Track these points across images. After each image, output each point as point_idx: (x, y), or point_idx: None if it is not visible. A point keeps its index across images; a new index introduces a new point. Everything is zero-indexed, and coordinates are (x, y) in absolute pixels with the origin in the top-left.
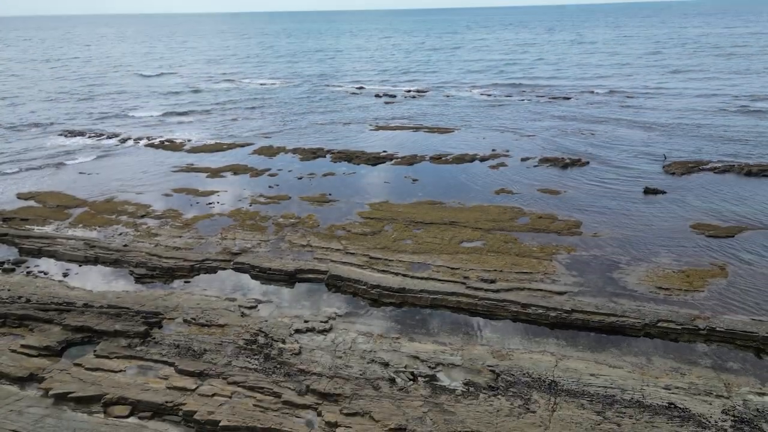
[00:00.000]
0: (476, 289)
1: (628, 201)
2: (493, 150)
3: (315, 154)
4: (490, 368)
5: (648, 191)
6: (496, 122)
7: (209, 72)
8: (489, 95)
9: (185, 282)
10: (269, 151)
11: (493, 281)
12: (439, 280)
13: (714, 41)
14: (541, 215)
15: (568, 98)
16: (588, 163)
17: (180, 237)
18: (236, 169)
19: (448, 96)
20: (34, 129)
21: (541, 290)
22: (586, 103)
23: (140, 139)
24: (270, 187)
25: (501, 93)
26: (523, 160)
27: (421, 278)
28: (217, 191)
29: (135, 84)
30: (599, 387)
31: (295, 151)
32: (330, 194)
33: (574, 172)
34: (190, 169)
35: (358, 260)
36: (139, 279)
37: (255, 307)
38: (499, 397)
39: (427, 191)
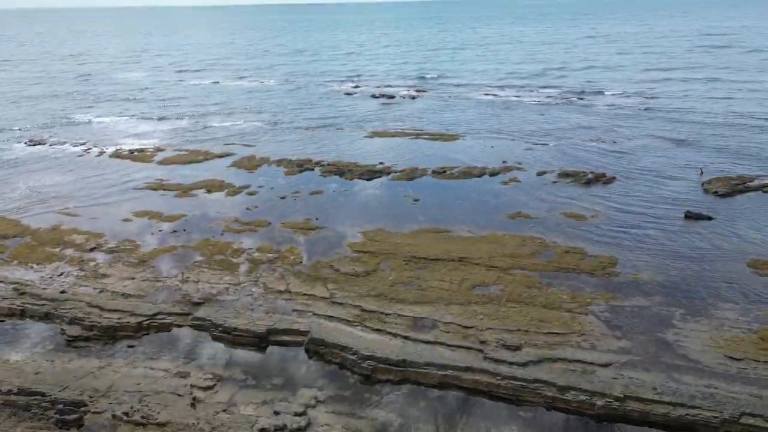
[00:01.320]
0: (497, 361)
1: (667, 229)
2: (504, 162)
3: (302, 166)
4: None
5: (690, 216)
6: (505, 127)
7: (190, 70)
8: (495, 96)
9: (129, 347)
10: (251, 163)
11: (517, 348)
12: (449, 345)
13: (739, 37)
14: (568, 249)
15: (582, 98)
16: (614, 179)
17: (132, 279)
18: (211, 186)
19: (450, 97)
20: None
21: (579, 361)
22: (603, 105)
23: (106, 148)
24: (247, 209)
25: (508, 94)
26: (539, 174)
27: (426, 342)
28: (185, 215)
29: (108, 83)
30: None
31: (280, 162)
32: (317, 219)
33: (598, 190)
34: (158, 186)
35: (348, 313)
36: (71, 342)
37: (212, 387)
38: None
39: (430, 215)
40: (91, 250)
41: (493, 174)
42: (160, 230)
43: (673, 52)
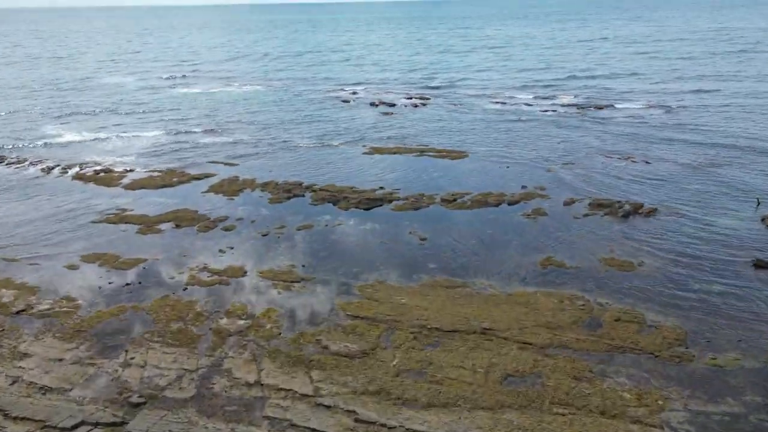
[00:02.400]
0: None
1: (736, 284)
2: (524, 187)
3: (290, 192)
4: None
5: (760, 265)
6: (520, 142)
7: (181, 75)
8: (505, 104)
9: None
10: (232, 187)
11: None
12: None
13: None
14: (619, 314)
15: (601, 108)
16: (655, 210)
17: (59, 361)
18: (181, 218)
19: (456, 105)
20: None
21: None
22: (626, 116)
23: (70, 168)
24: (221, 251)
25: (519, 102)
26: (566, 204)
27: None
28: (145, 259)
29: (90, 89)
30: None
31: (265, 186)
32: (303, 266)
33: (640, 226)
34: (120, 218)
35: (337, 423)
36: None
37: None
38: None
39: (441, 260)
40: (18, 313)
41: (512, 203)
42: (110, 282)
43: (695, 55)
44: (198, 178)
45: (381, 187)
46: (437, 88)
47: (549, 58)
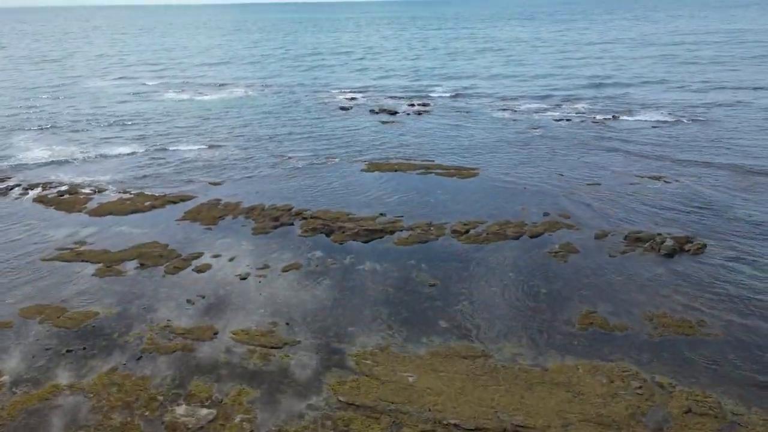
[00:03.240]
0: None
1: None
2: (546, 214)
3: (278, 220)
4: None
5: None
6: (536, 158)
7: (164, 78)
8: (515, 113)
9: None
10: (211, 213)
11: None
12: None
13: None
14: (687, 404)
15: (622, 118)
16: (704, 247)
17: None
18: (148, 255)
19: (462, 113)
20: None
21: None
22: (650, 128)
23: (33, 188)
24: (189, 301)
25: (531, 110)
26: (598, 237)
27: None
28: (97, 313)
29: (72, 95)
30: None
31: (250, 212)
32: (287, 323)
33: (689, 268)
34: (76, 254)
35: None
36: None
37: None
38: None
39: (455, 317)
40: None
41: (534, 235)
42: (47, 349)
43: (716, 59)
44: (174, 201)
45: (382, 214)
46: (441, 94)
47: (560, 62)
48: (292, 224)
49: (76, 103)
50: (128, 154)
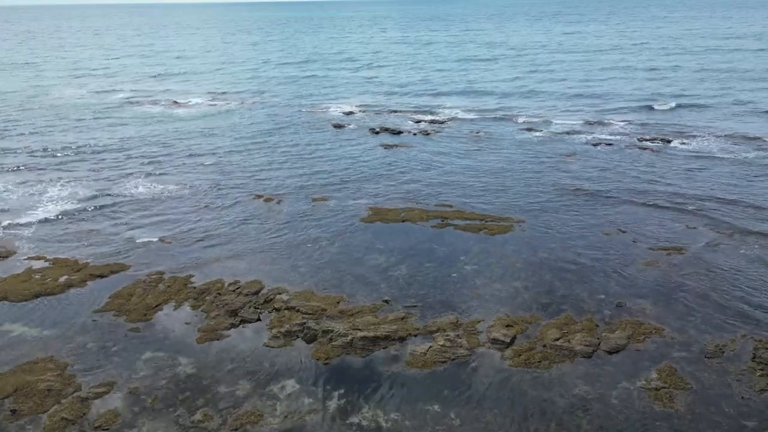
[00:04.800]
0: None
1: None
2: (620, 304)
3: (236, 314)
4: None
5: None
6: (580, 201)
7: (141, 85)
8: (540, 132)
9: None
10: (146, 299)
11: None
12: None
13: None
14: None
15: (667, 140)
16: None
17: None
18: (30, 390)
19: (480, 134)
20: None
21: None
22: (718, 154)
23: None
24: None
25: (561, 129)
26: (710, 355)
27: None
28: None
29: (31, 108)
30: None
31: (201, 297)
32: None
33: None
34: None
35: None
36: None
37: None
38: None
39: None
40: None
41: (613, 350)
42: None
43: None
44: (101, 274)
45: (386, 301)
46: (452, 107)
47: (584, 69)
48: (258, 319)
49: (32, 119)
50: (62, 199)
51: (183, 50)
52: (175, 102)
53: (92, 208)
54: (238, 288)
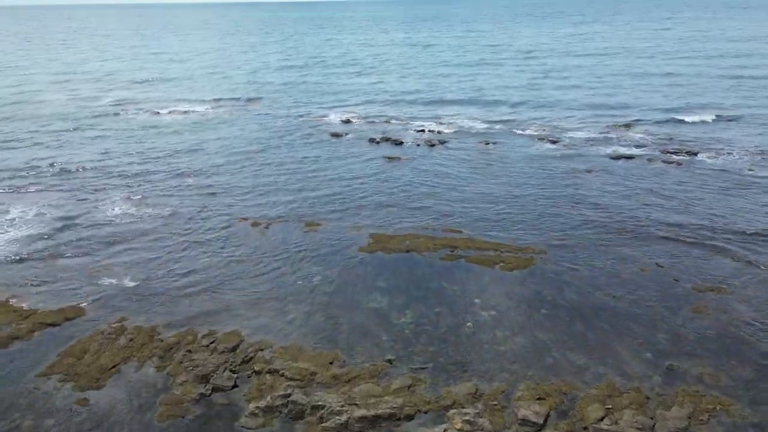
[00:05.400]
0: None
1: None
2: (670, 367)
3: (207, 381)
4: None
5: None
6: (613, 234)
7: (129, 90)
8: (555, 143)
9: None
10: (101, 358)
11: None
12: None
13: None
14: None
15: (692, 153)
16: None
17: None
18: None
19: (490, 145)
20: None
21: None
22: (745, 169)
23: None
24: None
25: (578, 140)
26: None
27: None
28: None
29: (9, 120)
30: None
31: (167, 354)
32: None
33: None
34: None
35: None
36: None
37: None
38: None
39: None
40: None
41: None
42: None
43: None
44: (53, 322)
45: (389, 361)
46: (458, 113)
47: (595, 74)
48: (236, 386)
49: (12, 131)
50: (26, 222)
51: (177, 53)
52: (163, 111)
53: (57, 236)
54: (213, 342)
